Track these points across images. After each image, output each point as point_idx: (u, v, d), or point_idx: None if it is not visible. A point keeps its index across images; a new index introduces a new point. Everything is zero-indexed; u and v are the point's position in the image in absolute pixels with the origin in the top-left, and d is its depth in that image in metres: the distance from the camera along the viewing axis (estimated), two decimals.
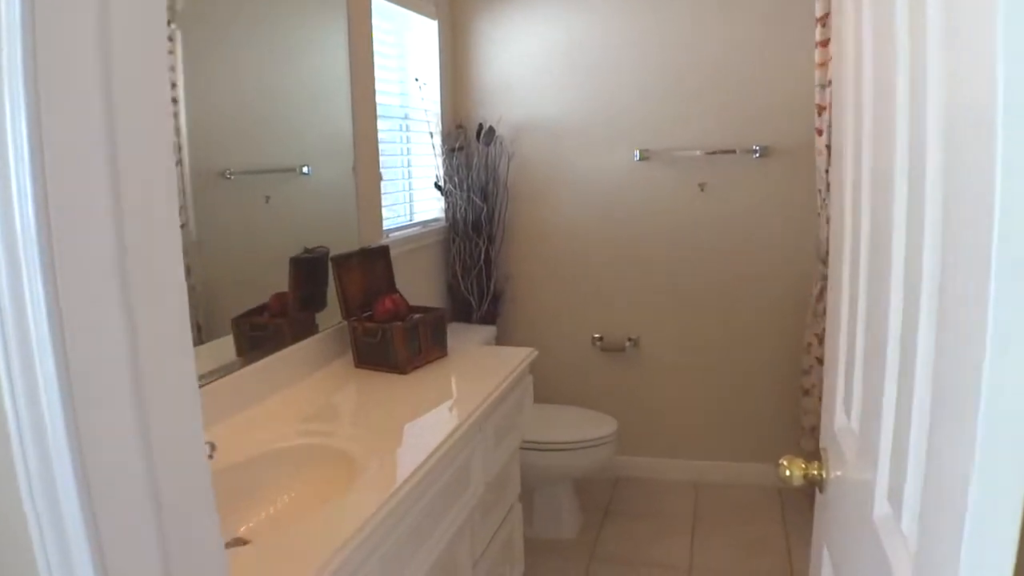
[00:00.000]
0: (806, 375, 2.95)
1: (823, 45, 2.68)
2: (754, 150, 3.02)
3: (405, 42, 2.99)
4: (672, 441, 3.35)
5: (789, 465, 1.03)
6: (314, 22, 2.18)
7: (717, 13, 2.99)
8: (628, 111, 3.15)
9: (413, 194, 3.08)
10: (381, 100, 2.57)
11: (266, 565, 1.11)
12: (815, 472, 1.03)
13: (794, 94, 2.93)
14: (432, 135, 3.11)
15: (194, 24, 1.68)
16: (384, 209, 2.61)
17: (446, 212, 3.23)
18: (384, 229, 2.61)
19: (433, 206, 3.23)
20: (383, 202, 2.59)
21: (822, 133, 2.74)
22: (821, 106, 2.73)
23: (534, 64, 3.23)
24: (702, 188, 3.12)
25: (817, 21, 2.67)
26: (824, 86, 2.70)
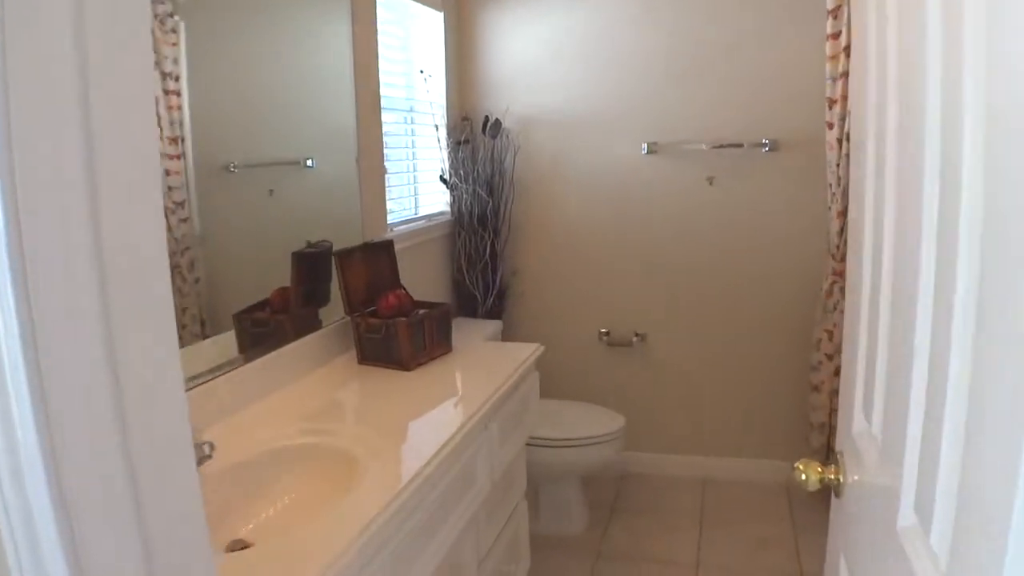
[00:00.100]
0: (815, 371, 2.92)
1: (834, 38, 2.65)
2: (764, 144, 2.98)
3: (410, 34, 2.96)
4: (679, 437, 3.32)
5: (805, 469, 1.00)
6: (318, 13, 2.16)
7: (727, 5, 2.95)
8: (636, 103, 3.11)
9: (418, 187, 3.05)
10: (386, 92, 2.54)
11: (268, 569, 1.09)
12: (832, 476, 1.00)
13: (804, 87, 2.89)
14: (437, 128, 3.07)
15: (197, 16, 1.67)
16: (389, 203, 2.58)
17: (451, 206, 3.19)
18: (388, 223, 2.58)
19: (438, 199, 3.20)
20: (388, 195, 2.56)
21: (833, 127, 2.70)
22: (832, 99, 2.69)
23: (541, 56, 3.19)
24: (711, 182, 3.08)
25: (828, 13, 2.64)
26: (835, 79, 2.67)
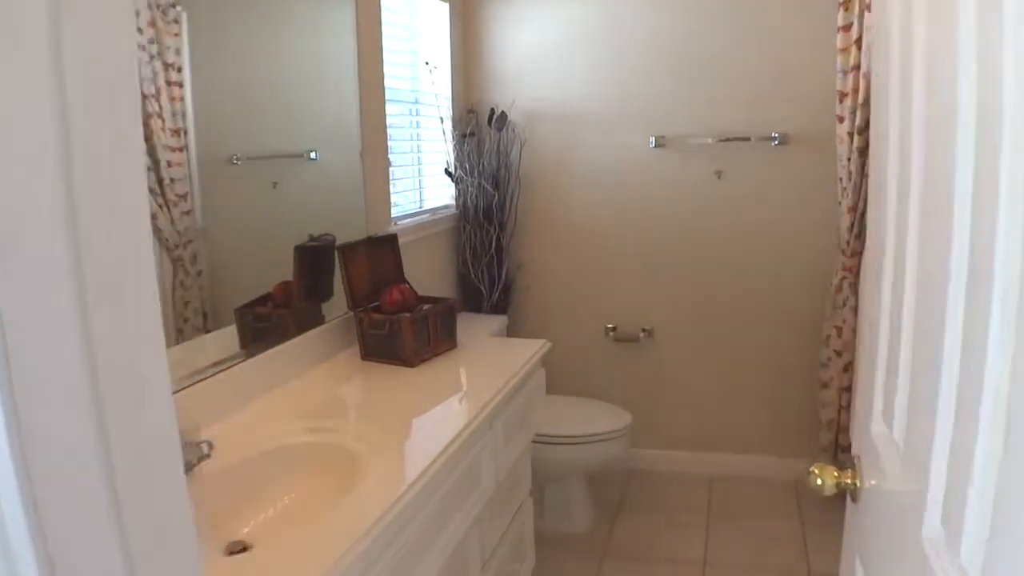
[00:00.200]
0: (824, 368, 2.89)
1: (845, 30, 2.61)
2: (773, 137, 2.94)
3: (416, 25, 2.92)
4: (686, 434, 3.29)
5: (821, 474, 0.97)
6: (322, 3, 2.13)
7: None
8: (644, 96, 3.07)
9: (423, 180, 3.02)
10: (390, 84, 2.51)
11: (268, 573, 1.06)
12: (849, 481, 0.97)
13: (815, 80, 2.84)
14: (443, 120, 3.04)
15: (200, 6, 1.64)
16: (393, 196, 2.55)
17: (457, 199, 3.16)
18: (393, 216, 2.54)
19: (443, 193, 3.17)
20: (392, 189, 2.53)
21: (843, 120, 2.66)
22: (843, 93, 2.65)
23: (547, 48, 3.15)
24: (719, 176, 3.04)
25: (839, 5, 2.60)
26: (846, 72, 2.63)
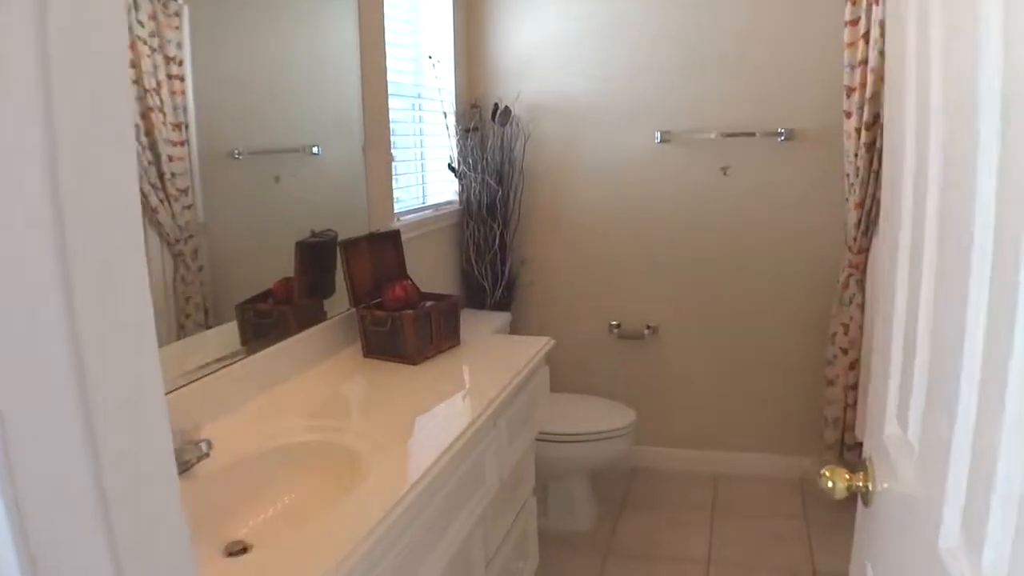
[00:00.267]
0: (830, 365, 2.86)
1: (852, 24, 2.58)
2: (779, 133, 2.91)
3: (419, 18, 2.90)
4: (691, 431, 3.27)
5: (832, 476, 0.95)
6: None
7: None
8: (650, 91, 3.04)
9: (426, 176, 2.99)
10: (393, 78, 2.48)
11: (268, 574, 1.04)
12: (860, 484, 0.95)
13: (821, 76, 2.81)
14: (446, 115, 3.02)
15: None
16: (396, 191, 2.53)
17: (460, 195, 3.14)
18: (395, 212, 2.52)
19: (447, 188, 3.14)
20: (395, 184, 2.51)
21: (851, 116, 2.63)
22: (850, 87, 2.62)
23: (552, 42, 3.12)
24: (725, 172, 3.01)
25: (847, 0, 2.57)
26: (854, 67, 2.60)
